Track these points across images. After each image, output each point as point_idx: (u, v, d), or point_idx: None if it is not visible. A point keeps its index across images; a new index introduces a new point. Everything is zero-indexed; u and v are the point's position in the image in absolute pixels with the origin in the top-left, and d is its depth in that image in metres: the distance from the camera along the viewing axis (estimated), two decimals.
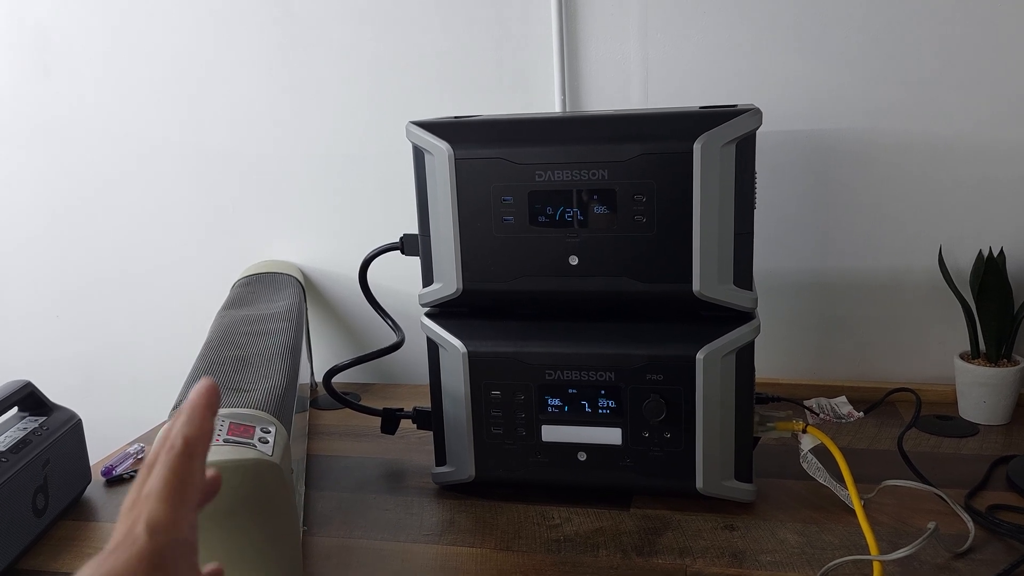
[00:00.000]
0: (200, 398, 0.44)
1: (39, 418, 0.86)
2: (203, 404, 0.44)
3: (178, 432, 0.42)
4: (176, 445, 0.42)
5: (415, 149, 0.81)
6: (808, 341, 1.13)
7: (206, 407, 0.44)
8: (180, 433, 0.42)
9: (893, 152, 1.05)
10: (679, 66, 1.08)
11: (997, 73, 1.01)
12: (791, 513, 0.79)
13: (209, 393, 0.44)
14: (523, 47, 1.12)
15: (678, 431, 0.79)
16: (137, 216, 1.32)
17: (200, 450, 0.43)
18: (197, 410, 0.43)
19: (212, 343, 0.89)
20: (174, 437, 0.42)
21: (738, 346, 0.77)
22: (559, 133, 0.77)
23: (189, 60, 1.24)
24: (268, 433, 0.67)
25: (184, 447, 0.42)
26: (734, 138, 0.74)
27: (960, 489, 0.81)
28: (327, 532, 0.80)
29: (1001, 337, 0.98)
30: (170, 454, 0.42)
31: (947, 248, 1.06)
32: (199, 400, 0.44)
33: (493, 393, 0.83)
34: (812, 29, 1.04)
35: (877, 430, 0.97)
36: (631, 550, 0.74)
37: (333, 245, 1.26)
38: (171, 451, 0.42)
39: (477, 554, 0.75)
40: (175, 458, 0.41)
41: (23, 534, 0.78)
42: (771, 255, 1.11)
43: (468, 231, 0.81)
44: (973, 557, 0.70)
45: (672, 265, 0.77)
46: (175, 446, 0.42)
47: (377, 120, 1.19)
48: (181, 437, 0.42)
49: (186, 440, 0.42)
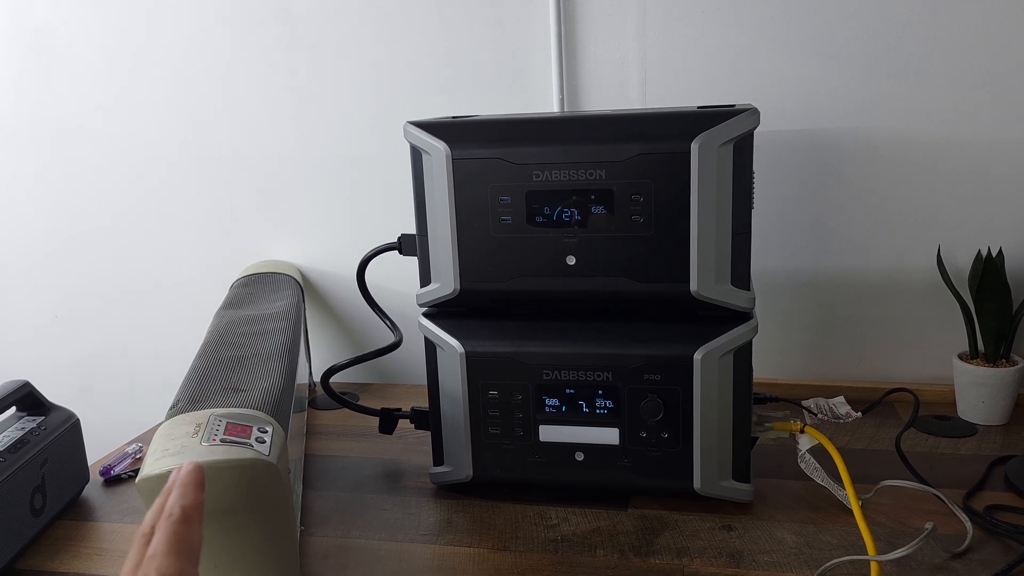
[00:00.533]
0: (189, 476, 0.50)
1: (37, 418, 0.86)
2: (193, 481, 0.49)
3: (175, 502, 0.48)
4: (175, 513, 0.47)
5: (413, 149, 0.81)
6: (806, 341, 1.13)
7: (196, 484, 0.50)
8: (177, 504, 0.48)
9: (891, 151, 1.05)
10: (677, 66, 1.08)
11: (996, 72, 1.01)
12: (789, 513, 0.79)
13: (197, 472, 0.50)
14: (521, 47, 1.12)
15: (676, 431, 0.79)
16: (136, 216, 1.32)
17: (196, 517, 0.48)
18: (189, 486, 0.49)
19: (210, 343, 0.89)
20: (171, 507, 0.48)
21: (736, 346, 0.77)
22: (557, 133, 0.77)
23: (188, 61, 1.24)
24: (265, 433, 0.67)
25: (182, 514, 0.47)
26: (732, 138, 0.74)
27: (958, 489, 0.81)
28: (325, 532, 0.80)
29: (1000, 337, 0.98)
30: (169, 520, 0.47)
31: (946, 248, 1.06)
32: (189, 478, 0.50)
33: (491, 393, 0.83)
34: (810, 28, 1.04)
35: (875, 430, 0.97)
36: (629, 550, 0.74)
37: (331, 245, 1.26)
38: (170, 518, 0.47)
39: (474, 554, 0.75)
40: (175, 523, 0.47)
41: (21, 534, 0.78)
42: (769, 255, 1.11)
43: (466, 231, 0.81)
44: (971, 557, 0.70)
45: (670, 265, 0.77)
46: (173, 514, 0.47)
47: (375, 120, 1.19)
48: (179, 507, 0.48)
49: (183, 509, 0.48)
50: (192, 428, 0.66)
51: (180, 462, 0.61)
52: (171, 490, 0.51)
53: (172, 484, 0.52)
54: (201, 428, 0.66)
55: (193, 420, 0.67)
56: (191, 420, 0.67)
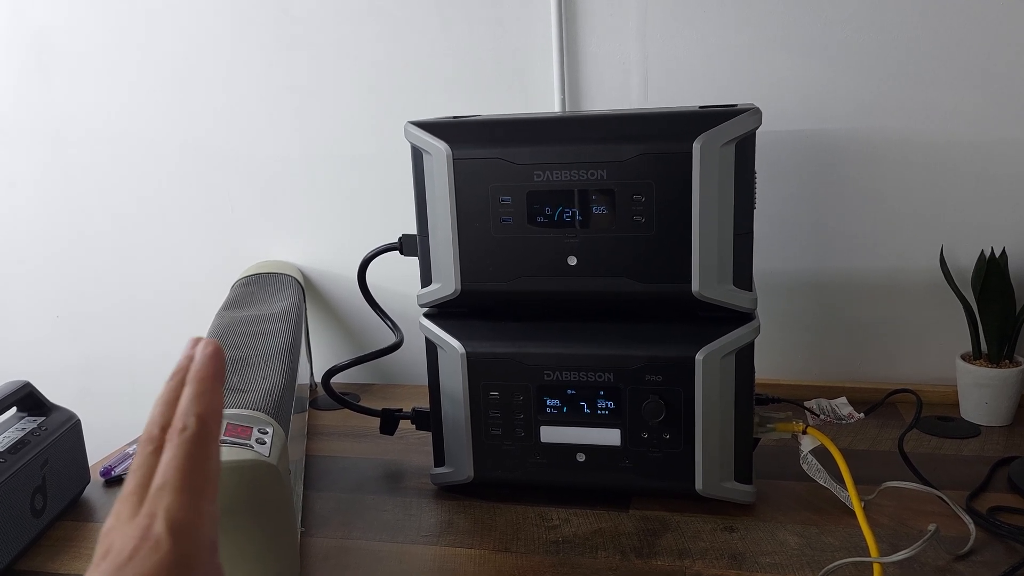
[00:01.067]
0: (207, 367, 0.38)
1: (37, 418, 0.85)
2: (211, 374, 0.38)
3: (188, 410, 0.36)
4: (189, 426, 0.35)
5: (414, 149, 0.81)
6: (808, 342, 1.13)
7: (215, 377, 0.38)
8: (191, 412, 0.36)
9: (894, 151, 1.05)
10: (678, 65, 1.08)
11: (999, 71, 1.00)
12: (791, 515, 0.79)
13: (216, 359, 0.38)
14: (522, 47, 1.12)
15: (677, 432, 0.79)
16: (137, 218, 1.32)
17: (215, 430, 0.36)
18: (206, 382, 0.37)
19: None
20: (184, 416, 0.36)
21: (738, 347, 0.77)
22: (558, 133, 0.77)
23: (189, 61, 1.23)
24: (265, 434, 0.67)
25: (199, 427, 0.35)
26: (734, 138, 0.74)
27: (961, 491, 0.81)
28: (325, 533, 0.80)
29: (1003, 338, 0.98)
30: (183, 436, 0.35)
31: (948, 248, 1.06)
32: (206, 370, 0.38)
33: (492, 394, 0.82)
34: (812, 28, 1.04)
35: (878, 431, 0.97)
36: (630, 552, 0.74)
37: (332, 246, 1.26)
38: (183, 433, 0.35)
39: (475, 555, 0.75)
40: (189, 441, 0.35)
41: (21, 535, 0.78)
42: (771, 255, 1.11)
43: (467, 231, 0.81)
44: (974, 559, 0.70)
45: (671, 265, 0.77)
46: (188, 427, 0.35)
47: (376, 120, 1.19)
48: (194, 416, 0.36)
49: (200, 419, 0.36)
50: None
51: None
52: (183, 376, 0.38)
53: (185, 366, 0.39)
54: None
55: None
56: None
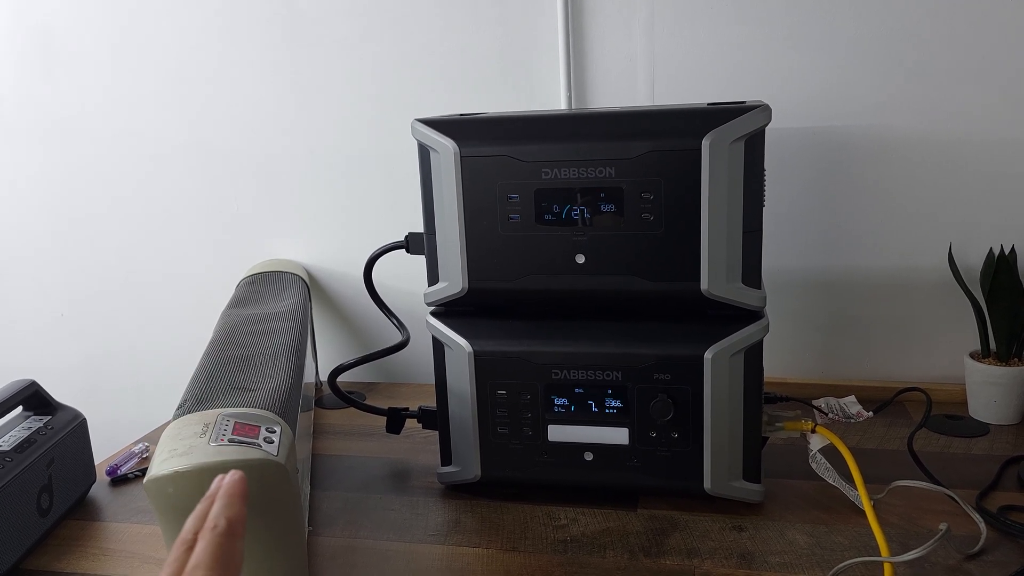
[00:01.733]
0: (235, 487, 0.48)
1: (43, 417, 0.85)
2: (238, 492, 0.48)
3: (220, 514, 0.46)
4: (220, 525, 0.46)
5: (421, 147, 0.81)
6: (817, 340, 1.12)
7: (240, 495, 0.48)
8: (222, 515, 0.46)
9: (903, 149, 1.04)
10: (686, 62, 1.07)
11: (1009, 68, 1.00)
12: (800, 514, 0.79)
13: (242, 482, 0.49)
14: (529, 44, 1.11)
15: (686, 431, 0.79)
16: (142, 216, 1.32)
17: (240, 531, 0.46)
18: (235, 497, 0.48)
19: (217, 342, 0.88)
20: (216, 517, 0.46)
21: (746, 345, 0.76)
22: (565, 130, 0.77)
23: (194, 60, 1.23)
24: (273, 433, 0.67)
25: (228, 527, 0.46)
26: (743, 135, 0.73)
27: (971, 490, 0.80)
28: (332, 532, 0.80)
29: (1012, 336, 0.97)
30: (215, 532, 0.45)
31: (957, 246, 1.05)
32: (235, 488, 0.48)
33: (499, 393, 0.82)
34: (821, 24, 1.03)
35: (886, 430, 0.97)
36: (638, 551, 0.74)
37: (338, 244, 1.25)
38: (215, 530, 0.46)
39: (483, 554, 0.75)
40: (220, 536, 0.45)
41: (27, 534, 0.77)
42: (780, 253, 1.10)
43: (474, 229, 0.80)
44: (985, 558, 0.69)
45: (680, 263, 0.77)
46: (219, 526, 0.46)
47: (382, 118, 1.19)
48: (224, 518, 0.46)
49: (229, 521, 0.46)
50: (200, 428, 0.65)
51: (188, 462, 0.60)
52: (215, 497, 0.49)
53: (215, 491, 0.50)
54: (209, 428, 0.65)
55: (201, 420, 0.67)
56: (199, 420, 0.67)
